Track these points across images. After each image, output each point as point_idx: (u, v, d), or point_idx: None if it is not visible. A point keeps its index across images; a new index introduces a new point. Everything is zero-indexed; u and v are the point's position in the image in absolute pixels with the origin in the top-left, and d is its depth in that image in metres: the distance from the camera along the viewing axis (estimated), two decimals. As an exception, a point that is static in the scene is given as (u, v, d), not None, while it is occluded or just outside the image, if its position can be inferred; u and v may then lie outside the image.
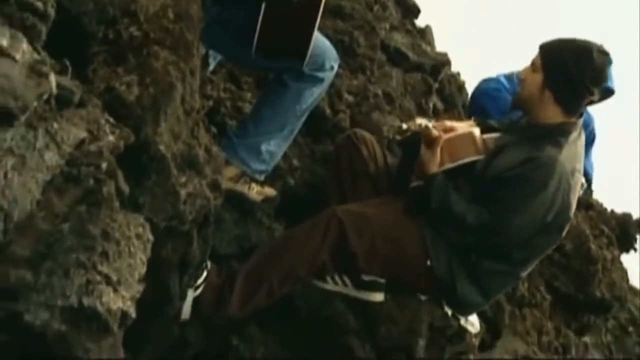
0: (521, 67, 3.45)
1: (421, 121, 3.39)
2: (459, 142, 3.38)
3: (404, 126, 3.37)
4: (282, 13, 3.05)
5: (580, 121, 3.35)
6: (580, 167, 3.29)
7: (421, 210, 3.27)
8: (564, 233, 3.40)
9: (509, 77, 5.05)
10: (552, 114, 3.28)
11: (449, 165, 3.33)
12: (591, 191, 5.73)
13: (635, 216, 5.93)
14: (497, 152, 3.31)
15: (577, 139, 3.30)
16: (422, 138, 3.35)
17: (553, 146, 3.18)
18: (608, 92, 4.55)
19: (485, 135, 3.44)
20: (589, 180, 5.21)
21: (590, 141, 4.89)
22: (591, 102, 4.06)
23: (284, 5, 3.02)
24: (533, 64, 3.31)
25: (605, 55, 3.23)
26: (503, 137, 3.43)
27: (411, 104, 5.12)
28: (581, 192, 3.92)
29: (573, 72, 3.20)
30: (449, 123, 3.50)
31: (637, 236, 5.84)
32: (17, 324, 1.61)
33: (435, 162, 3.31)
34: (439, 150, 3.32)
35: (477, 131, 3.43)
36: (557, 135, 3.23)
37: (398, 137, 3.48)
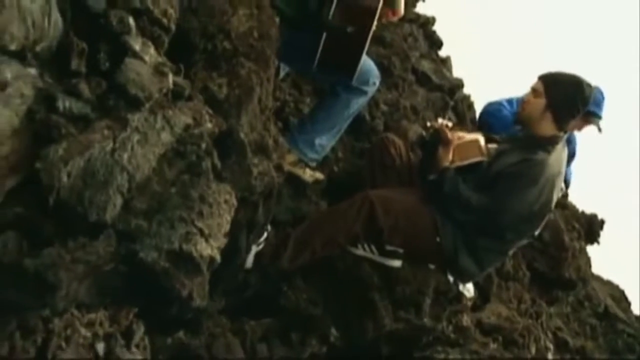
0: (519, 92, 3.49)
1: (442, 121, 3.52)
2: (468, 146, 3.43)
3: (428, 124, 3.47)
4: (339, 40, 3.07)
5: (565, 135, 3.39)
6: (563, 170, 3.35)
7: (435, 196, 3.29)
8: (544, 222, 3.43)
9: (509, 100, 5.00)
10: (548, 129, 3.32)
11: (458, 164, 3.37)
12: (567, 194, 5.67)
13: (599, 217, 5.90)
14: (499, 155, 3.37)
15: (562, 149, 3.36)
16: (440, 139, 3.41)
17: (544, 152, 3.24)
18: (597, 117, 4.58)
19: (489, 144, 3.48)
20: (567, 185, 5.13)
21: (571, 156, 4.87)
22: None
23: (340, 34, 3.04)
24: (535, 90, 3.35)
25: (590, 87, 3.31)
26: (504, 145, 3.48)
27: (431, 116, 5.09)
28: (560, 194, 3.92)
29: (571, 100, 3.28)
30: (464, 133, 3.56)
31: (600, 232, 5.81)
32: (134, 259, 1.66)
33: (447, 159, 3.37)
34: (451, 150, 3.38)
35: (482, 139, 3.47)
36: (548, 144, 3.28)
37: (424, 133, 3.56)
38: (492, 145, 3.52)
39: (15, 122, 1.51)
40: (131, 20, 1.77)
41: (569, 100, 3.29)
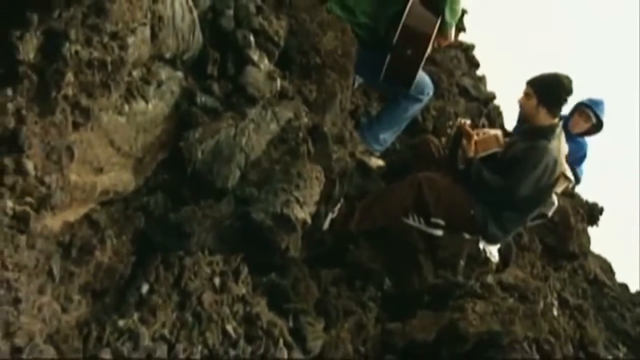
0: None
1: (463, 120, 3.46)
2: (489, 140, 3.36)
3: (451, 123, 3.43)
4: (400, 59, 3.01)
5: (560, 122, 3.28)
6: (564, 150, 3.25)
7: (465, 181, 3.21)
8: (551, 193, 3.33)
9: None
10: (544, 119, 3.21)
11: (482, 154, 3.28)
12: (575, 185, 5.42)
13: (599, 205, 5.69)
14: (511, 145, 3.27)
15: (560, 134, 3.23)
16: (463, 134, 3.34)
17: (545, 140, 3.14)
18: (587, 108, 4.46)
19: (506, 138, 3.41)
20: (578, 181, 4.86)
21: (582, 157, 4.68)
22: (588, 133, 4.37)
23: (401, 55, 2.99)
24: (526, 94, 3.26)
25: (569, 79, 3.20)
26: (515, 137, 3.39)
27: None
28: (570, 186, 3.77)
29: (556, 93, 3.20)
30: (488, 129, 3.52)
31: (600, 217, 5.60)
32: (247, 218, 1.67)
33: (472, 151, 3.28)
34: (473, 142, 3.29)
35: (500, 134, 3.40)
36: (548, 133, 3.17)
37: (449, 131, 3.51)
38: (507, 138, 3.45)
39: (166, 111, 1.54)
40: (252, 38, 1.77)
41: (554, 94, 3.19)
